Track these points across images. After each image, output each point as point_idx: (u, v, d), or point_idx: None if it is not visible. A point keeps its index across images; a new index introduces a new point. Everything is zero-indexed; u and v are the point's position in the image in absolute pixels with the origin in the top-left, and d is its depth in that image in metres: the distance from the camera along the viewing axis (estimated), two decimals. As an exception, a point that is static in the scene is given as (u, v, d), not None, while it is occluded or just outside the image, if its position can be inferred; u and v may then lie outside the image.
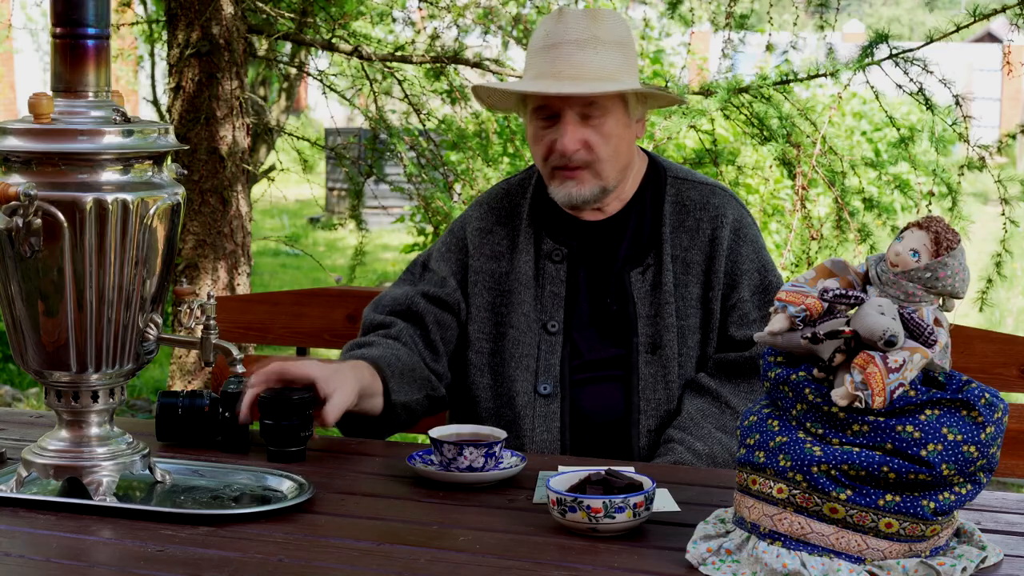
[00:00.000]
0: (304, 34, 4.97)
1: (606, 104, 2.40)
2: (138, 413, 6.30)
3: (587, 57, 2.38)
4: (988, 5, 3.99)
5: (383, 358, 2.35)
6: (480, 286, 2.52)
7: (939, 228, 1.68)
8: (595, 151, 2.41)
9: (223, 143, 4.34)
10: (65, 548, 1.81)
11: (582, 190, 2.44)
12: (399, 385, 2.36)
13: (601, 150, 2.41)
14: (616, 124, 2.42)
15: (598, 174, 2.43)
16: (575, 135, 2.39)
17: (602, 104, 2.39)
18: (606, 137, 2.41)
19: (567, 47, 2.38)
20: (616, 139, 2.43)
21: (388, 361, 2.35)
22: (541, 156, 2.45)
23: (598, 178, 2.44)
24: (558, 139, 2.40)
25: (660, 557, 1.76)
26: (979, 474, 1.68)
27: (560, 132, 2.40)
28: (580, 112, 2.39)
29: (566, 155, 2.40)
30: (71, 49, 1.94)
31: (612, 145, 2.42)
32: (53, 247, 1.89)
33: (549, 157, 2.43)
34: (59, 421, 2.03)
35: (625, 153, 2.46)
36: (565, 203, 2.46)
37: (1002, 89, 19.66)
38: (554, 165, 2.44)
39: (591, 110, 2.39)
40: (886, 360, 1.63)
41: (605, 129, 2.41)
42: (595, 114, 2.40)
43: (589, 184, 2.44)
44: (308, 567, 1.73)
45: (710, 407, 2.40)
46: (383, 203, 6.33)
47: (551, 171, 2.45)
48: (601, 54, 2.39)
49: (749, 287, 2.47)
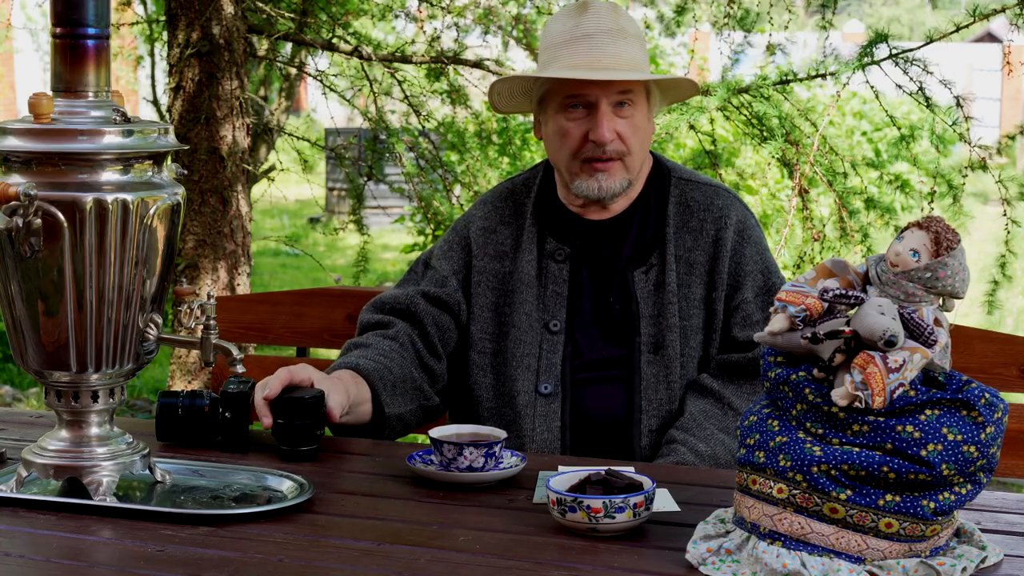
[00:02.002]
0: (304, 34, 4.96)
1: (636, 96, 2.42)
2: (138, 413, 6.30)
3: (620, 48, 2.40)
4: (988, 5, 3.99)
5: (376, 371, 2.36)
6: (484, 286, 2.52)
7: (939, 228, 1.68)
8: (627, 142, 2.43)
9: (223, 143, 4.34)
10: (65, 548, 1.81)
11: (612, 182, 2.44)
12: (391, 397, 2.36)
13: (632, 142, 2.43)
14: (643, 117, 2.45)
15: (627, 167, 2.45)
16: (611, 124, 2.40)
17: (633, 96, 2.42)
18: (635, 129, 2.43)
19: (600, 37, 2.40)
20: (643, 131, 2.46)
21: (380, 373, 2.36)
22: (572, 150, 2.44)
23: (626, 171, 2.45)
24: (592, 129, 2.40)
25: (660, 557, 1.76)
26: (979, 474, 1.68)
27: (595, 122, 2.40)
28: (615, 102, 2.40)
29: (603, 144, 2.40)
30: (71, 49, 1.94)
31: (640, 138, 2.45)
32: (53, 247, 1.89)
33: (581, 150, 2.43)
34: (59, 421, 2.03)
35: (646, 147, 2.50)
36: (593, 196, 2.45)
37: (1002, 89, 19.66)
38: (586, 157, 2.43)
39: (625, 98, 2.41)
40: (886, 360, 1.63)
41: (635, 121, 2.43)
42: (627, 104, 2.41)
43: (619, 176, 2.44)
44: (308, 567, 1.73)
45: (713, 408, 2.40)
46: (383, 204, 6.34)
47: (581, 164, 2.44)
48: (631, 45, 2.42)
49: (753, 288, 2.47)
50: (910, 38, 23.64)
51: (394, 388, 2.37)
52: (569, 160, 2.45)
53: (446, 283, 2.52)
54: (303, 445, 2.19)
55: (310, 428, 2.19)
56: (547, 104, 2.47)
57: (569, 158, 2.45)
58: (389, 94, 5.23)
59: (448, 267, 2.54)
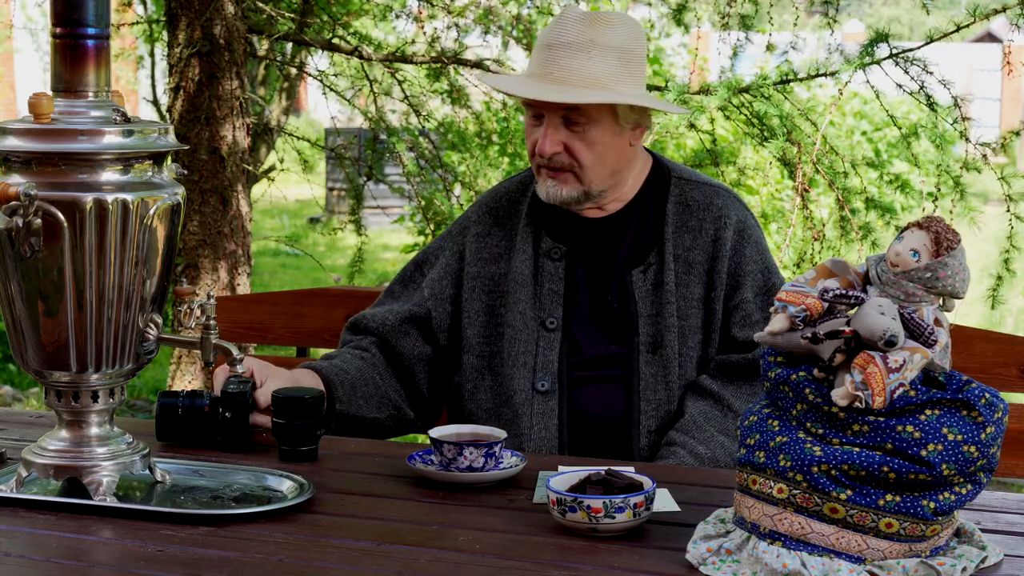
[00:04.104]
0: (304, 34, 4.96)
1: (591, 112, 2.39)
2: (138, 413, 6.30)
3: (578, 63, 2.36)
4: (988, 5, 3.99)
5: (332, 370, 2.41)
6: (477, 290, 2.53)
7: (939, 228, 1.68)
8: (576, 156, 2.42)
9: (223, 143, 4.33)
10: (65, 548, 1.81)
11: (561, 191, 2.45)
12: (349, 397, 2.40)
13: (583, 156, 2.41)
14: (603, 132, 2.41)
15: (580, 179, 2.44)
16: (554, 138, 2.40)
17: (587, 111, 2.38)
18: (589, 144, 2.41)
19: (559, 50, 2.38)
20: (602, 146, 2.42)
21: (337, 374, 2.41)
22: (529, 152, 2.49)
23: (579, 182, 2.44)
24: (539, 139, 2.42)
25: (660, 557, 1.76)
26: (979, 474, 1.68)
27: (542, 133, 2.41)
28: (563, 116, 2.39)
29: (543, 156, 2.42)
30: (71, 49, 1.94)
31: (596, 152, 2.42)
32: (53, 247, 1.89)
33: (534, 154, 2.46)
34: (59, 421, 2.03)
35: (613, 160, 2.45)
36: (545, 200, 2.48)
37: (1002, 89, 19.66)
38: (537, 163, 2.46)
39: (575, 116, 2.39)
40: (886, 360, 1.63)
41: (589, 136, 2.40)
42: (579, 120, 2.39)
43: (570, 186, 2.45)
44: (308, 567, 1.73)
45: (712, 410, 2.40)
46: (383, 204, 6.33)
47: (537, 167, 2.47)
48: (595, 60, 2.36)
49: (752, 288, 2.47)
50: (910, 38, 23.63)
51: (353, 389, 2.41)
52: (531, 161, 2.49)
53: (430, 299, 2.56)
54: (303, 445, 2.19)
55: (310, 428, 2.19)
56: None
57: (530, 159, 2.49)
58: (389, 94, 5.23)
59: (436, 274, 2.57)
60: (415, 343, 2.54)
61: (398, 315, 2.55)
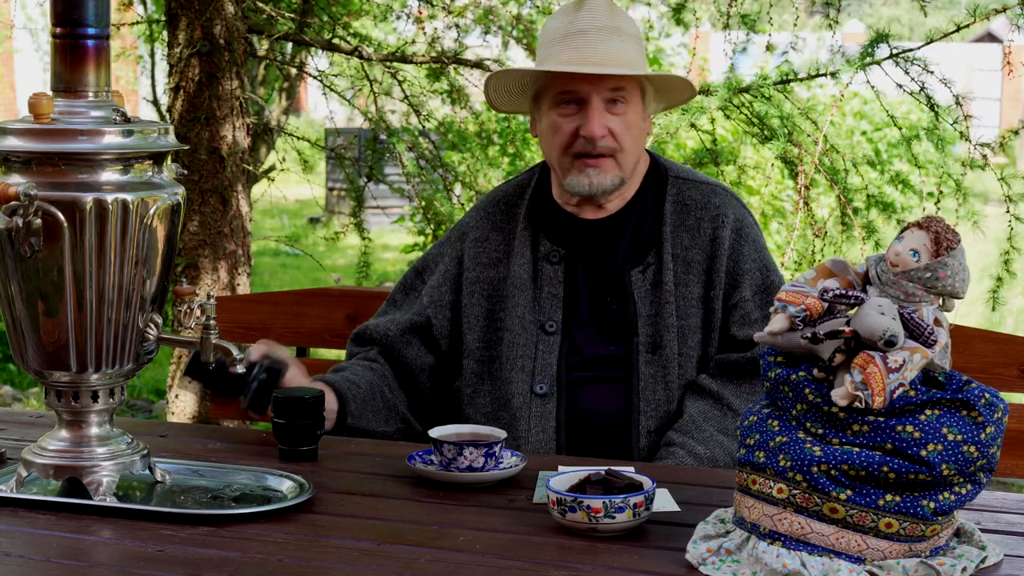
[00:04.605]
0: (304, 34, 4.96)
1: (629, 94, 2.42)
2: (138, 413, 6.30)
3: (613, 45, 2.39)
4: (988, 5, 3.99)
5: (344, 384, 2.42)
6: (476, 295, 2.53)
7: (939, 228, 1.68)
8: (619, 140, 2.42)
9: (223, 143, 4.33)
10: (65, 548, 1.81)
11: (603, 179, 2.43)
12: (360, 411, 2.41)
13: (624, 139, 2.43)
14: (636, 115, 2.44)
15: (619, 164, 2.44)
16: (602, 120, 2.40)
17: (626, 93, 2.42)
18: (628, 127, 2.43)
19: (593, 34, 2.40)
20: (636, 130, 2.45)
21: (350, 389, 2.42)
22: (562, 145, 2.44)
23: (618, 168, 2.44)
24: (583, 125, 2.40)
25: (660, 557, 1.76)
26: (979, 474, 1.68)
27: (587, 118, 2.40)
28: (607, 98, 2.40)
29: (593, 140, 2.40)
30: (71, 49, 1.94)
31: (633, 136, 2.44)
32: (53, 247, 1.89)
33: (572, 145, 2.43)
34: (59, 421, 2.03)
35: (640, 146, 2.49)
36: (584, 192, 2.45)
37: (1002, 89, 19.65)
38: (577, 152, 2.43)
39: (617, 95, 2.41)
40: (886, 360, 1.63)
41: (628, 119, 2.43)
42: (620, 102, 2.41)
43: (611, 173, 2.44)
44: (308, 567, 1.73)
45: (712, 409, 2.40)
46: (383, 204, 6.33)
47: (572, 160, 2.44)
48: (625, 43, 2.41)
49: (751, 287, 2.47)
50: (910, 38, 23.63)
51: (364, 403, 2.42)
52: (560, 155, 2.45)
53: (430, 306, 2.56)
54: (303, 445, 2.20)
55: (310, 428, 2.20)
56: (541, 101, 2.47)
57: (560, 153, 2.45)
58: (389, 94, 5.23)
59: (434, 281, 2.57)
60: (418, 352, 2.55)
61: (400, 325, 2.55)
